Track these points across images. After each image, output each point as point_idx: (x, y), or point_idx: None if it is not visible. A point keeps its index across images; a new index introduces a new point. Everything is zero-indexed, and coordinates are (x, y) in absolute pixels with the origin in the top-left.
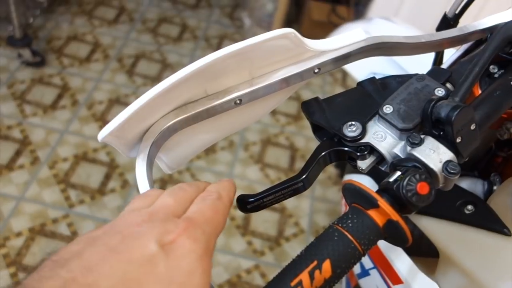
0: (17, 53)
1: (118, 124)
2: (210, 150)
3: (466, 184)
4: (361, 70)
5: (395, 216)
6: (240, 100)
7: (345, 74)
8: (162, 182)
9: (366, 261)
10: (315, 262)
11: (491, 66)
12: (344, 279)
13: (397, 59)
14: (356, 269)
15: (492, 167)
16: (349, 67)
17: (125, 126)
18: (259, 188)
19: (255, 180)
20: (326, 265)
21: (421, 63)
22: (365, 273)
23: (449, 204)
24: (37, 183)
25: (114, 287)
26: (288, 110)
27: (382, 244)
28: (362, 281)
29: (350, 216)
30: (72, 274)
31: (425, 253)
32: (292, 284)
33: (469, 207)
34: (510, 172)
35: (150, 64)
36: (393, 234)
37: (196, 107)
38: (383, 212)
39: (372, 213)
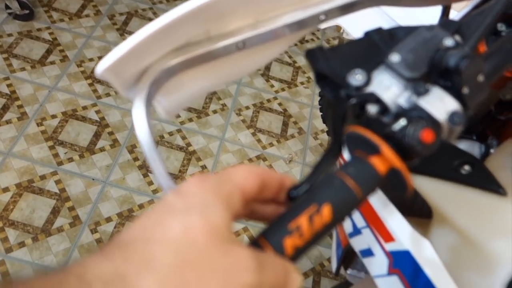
0: (4, 3)
1: (116, 58)
2: (202, 113)
3: (463, 146)
4: (360, 29)
5: (398, 163)
6: (243, 43)
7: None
8: None
9: (358, 219)
10: (315, 207)
11: (499, 24)
12: (334, 239)
13: (398, 20)
14: (348, 228)
15: (490, 130)
16: (349, 26)
17: (124, 62)
18: (251, 153)
19: (246, 145)
20: (326, 209)
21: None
22: (357, 231)
23: (446, 164)
24: (25, 139)
25: None
26: (282, 75)
27: (375, 202)
28: (353, 240)
29: (352, 162)
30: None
31: (417, 214)
32: (291, 227)
33: (466, 167)
34: (508, 136)
35: (143, 23)
36: (394, 182)
37: (197, 48)
38: (385, 159)
39: (374, 159)
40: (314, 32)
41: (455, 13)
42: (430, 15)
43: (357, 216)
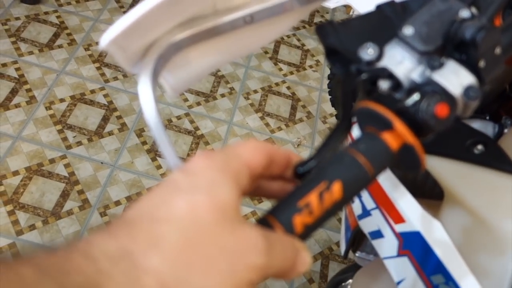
0: None
1: (121, 30)
2: (210, 97)
3: (476, 126)
4: (364, 4)
5: (411, 139)
6: (251, 17)
7: None
8: None
9: (368, 201)
10: (325, 183)
11: None
12: (343, 222)
13: None
14: (357, 210)
15: (503, 110)
16: (359, 5)
17: (128, 34)
18: (259, 137)
19: (254, 129)
20: (336, 186)
21: None
22: (366, 213)
23: (459, 144)
24: (34, 123)
25: None
26: (290, 59)
27: (385, 183)
28: (362, 222)
29: (363, 138)
30: None
31: (428, 195)
32: (300, 205)
33: (479, 147)
34: None
35: None
36: (406, 159)
37: (203, 22)
38: (398, 135)
39: (386, 135)
40: (323, 14)
41: None
42: None
43: (366, 198)
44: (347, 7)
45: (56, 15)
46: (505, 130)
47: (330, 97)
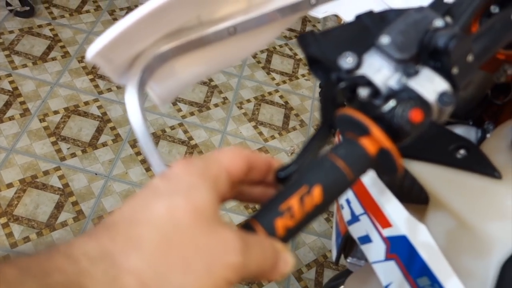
0: (5, 1)
1: (107, 42)
2: (203, 106)
3: (459, 131)
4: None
5: (387, 143)
6: (235, 28)
7: None
8: (155, 137)
9: (356, 207)
10: (306, 188)
11: (492, 6)
12: (334, 229)
13: (395, 6)
14: (347, 216)
15: (486, 115)
16: (346, 15)
17: (114, 46)
18: (253, 146)
19: (248, 138)
20: (317, 190)
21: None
22: (355, 219)
23: (442, 149)
24: (28, 135)
25: None
26: (283, 68)
27: (373, 189)
28: (352, 228)
29: (342, 143)
30: None
31: (415, 200)
32: (282, 208)
33: (462, 151)
34: (504, 120)
35: None
36: (384, 163)
37: (189, 34)
38: (375, 140)
39: (364, 140)
40: (315, 24)
41: None
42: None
43: (355, 204)
44: (338, 17)
45: (49, 28)
46: (488, 135)
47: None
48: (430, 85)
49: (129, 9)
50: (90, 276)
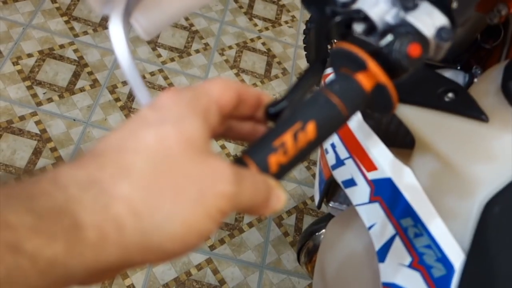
0: None
1: None
2: (184, 52)
3: (448, 75)
4: None
5: (384, 78)
6: None
7: None
8: None
9: (342, 151)
10: (300, 124)
11: None
12: (317, 177)
13: None
14: (331, 160)
15: (474, 60)
16: None
17: None
18: None
19: None
20: (311, 127)
21: None
22: (340, 163)
23: (430, 92)
24: (1, 78)
25: None
26: (266, 14)
27: (359, 133)
28: (336, 172)
29: (337, 79)
30: None
31: (400, 144)
32: (275, 145)
33: (450, 94)
34: (492, 65)
35: None
36: (379, 99)
37: None
38: (371, 75)
39: (360, 76)
40: None
41: None
42: None
43: (340, 148)
44: None
45: None
46: (475, 79)
47: (305, 53)
48: (428, 19)
49: None
50: (80, 203)
